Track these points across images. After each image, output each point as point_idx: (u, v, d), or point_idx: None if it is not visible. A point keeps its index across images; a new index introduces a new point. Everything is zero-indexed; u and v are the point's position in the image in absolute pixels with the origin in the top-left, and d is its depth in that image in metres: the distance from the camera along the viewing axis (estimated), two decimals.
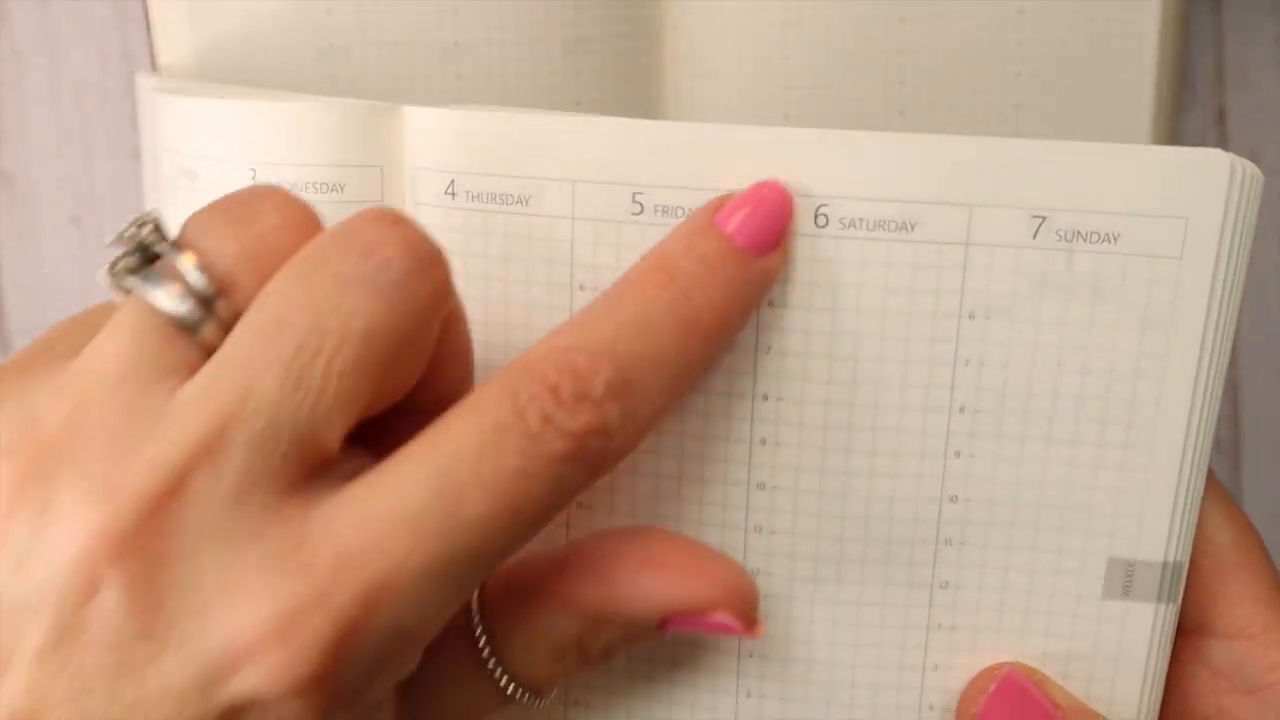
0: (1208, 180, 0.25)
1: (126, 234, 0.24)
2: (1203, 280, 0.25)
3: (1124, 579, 0.27)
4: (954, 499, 0.27)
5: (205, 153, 0.31)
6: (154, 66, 0.40)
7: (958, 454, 0.27)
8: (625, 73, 0.42)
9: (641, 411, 0.24)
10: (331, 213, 0.28)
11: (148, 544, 0.21)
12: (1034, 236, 0.26)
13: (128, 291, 0.23)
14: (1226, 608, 0.27)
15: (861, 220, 0.26)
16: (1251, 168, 0.25)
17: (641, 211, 0.27)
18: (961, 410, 0.27)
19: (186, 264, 0.23)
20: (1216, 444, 0.50)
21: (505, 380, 0.23)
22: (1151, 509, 0.27)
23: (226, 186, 0.29)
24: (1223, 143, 0.48)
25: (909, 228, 0.26)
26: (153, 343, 0.23)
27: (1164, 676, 0.28)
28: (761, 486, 0.28)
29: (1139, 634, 0.27)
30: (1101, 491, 0.27)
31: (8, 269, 0.46)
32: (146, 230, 0.24)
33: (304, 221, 0.24)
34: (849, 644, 0.28)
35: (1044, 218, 0.26)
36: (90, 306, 0.26)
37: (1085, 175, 0.25)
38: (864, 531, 0.28)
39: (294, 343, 0.22)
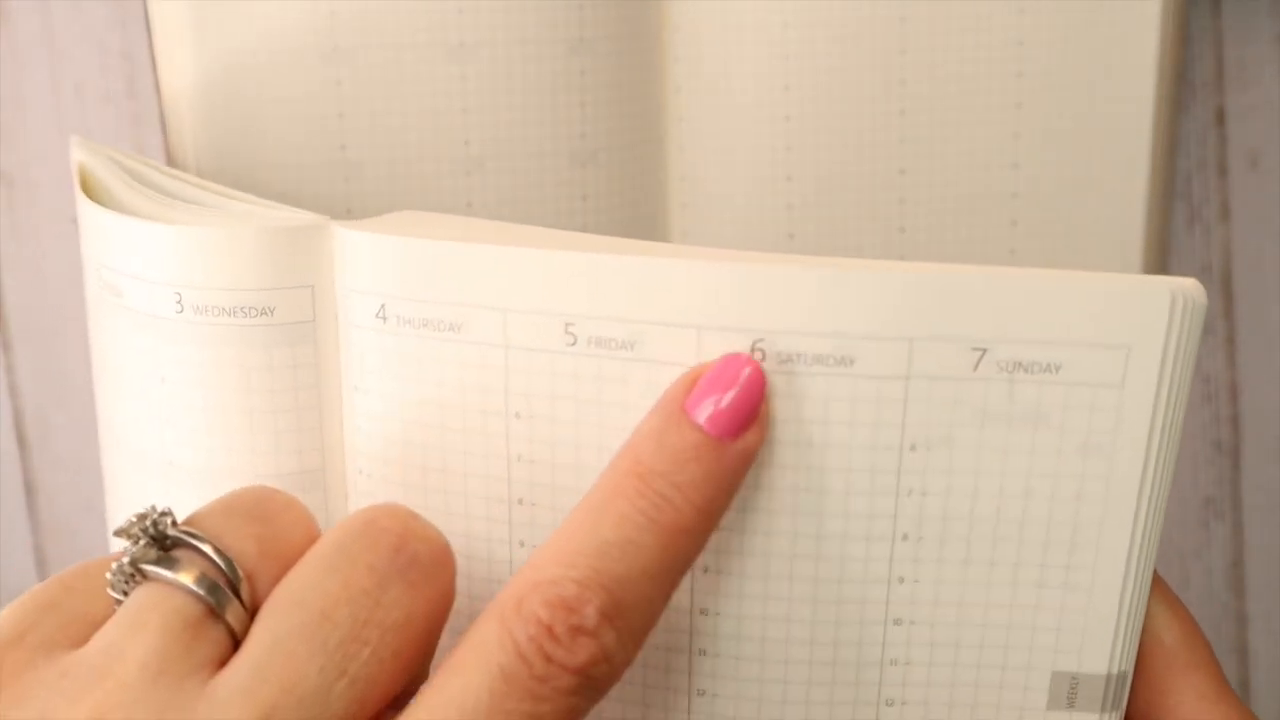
0: (1149, 310, 0.25)
1: (139, 525, 0.24)
2: (1144, 406, 0.25)
3: (1068, 691, 0.27)
4: (898, 622, 0.27)
5: (129, 270, 0.30)
6: (155, 66, 0.40)
7: (901, 579, 0.27)
8: (628, 73, 0.42)
9: (637, 623, 0.24)
10: (263, 338, 0.29)
11: None
12: (975, 369, 0.25)
13: (136, 579, 0.24)
14: (1175, 705, 0.28)
15: (799, 355, 0.26)
16: (1193, 295, 0.25)
17: (575, 343, 0.26)
18: (905, 538, 0.27)
19: (212, 551, 0.24)
20: (1216, 444, 0.51)
21: (502, 620, 0.23)
22: (1095, 625, 0.27)
23: (151, 308, 0.29)
24: (1222, 143, 0.48)
25: (848, 362, 0.25)
26: (184, 636, 0.23)
27: None
28: (704, 612, 0.28)
29: None
30: (1046, 610, 0.27)
31: (8, 269, 0.46)
32: (166, 522, 0.24)
33: (310, 522, 0.26)
34: None
35: (985, 349, 0.25)
36: (34, 587, 0.25)
37: (1026, 306, 0.25)
38: (809, 655, 0.28)
39: (339, 635, 0.23)
